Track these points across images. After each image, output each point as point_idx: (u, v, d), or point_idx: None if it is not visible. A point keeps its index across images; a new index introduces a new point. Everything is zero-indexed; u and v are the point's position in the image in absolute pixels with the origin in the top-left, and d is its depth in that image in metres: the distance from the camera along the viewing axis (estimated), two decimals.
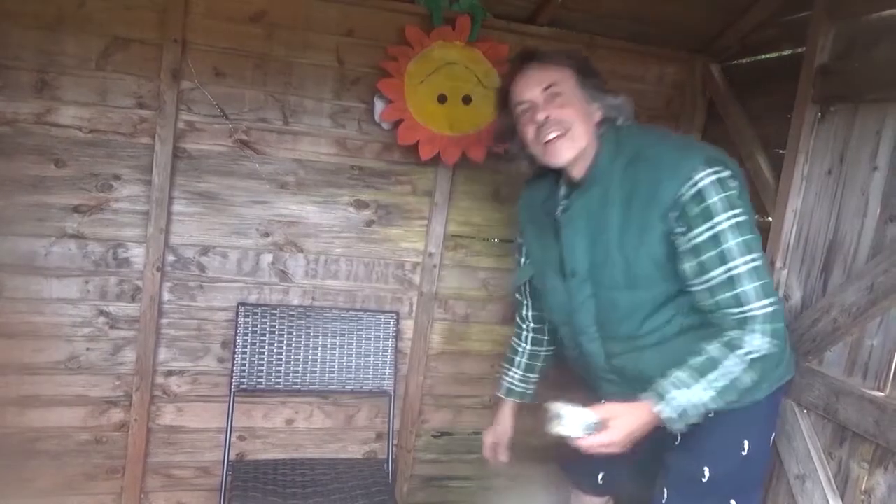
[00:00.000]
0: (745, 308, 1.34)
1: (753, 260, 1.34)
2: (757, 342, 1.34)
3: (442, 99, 2.13)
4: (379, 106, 2.14)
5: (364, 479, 2.10)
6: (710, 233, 1.34)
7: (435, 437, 2.47)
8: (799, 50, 1.93)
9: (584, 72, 1.52)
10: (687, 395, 1.33)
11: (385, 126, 2.17)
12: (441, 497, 2.51)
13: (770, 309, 1.34)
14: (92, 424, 2.14)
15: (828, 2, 1.79)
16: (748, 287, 1.34)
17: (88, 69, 1.95)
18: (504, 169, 2.29)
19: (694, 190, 1.34)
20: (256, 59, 2.07)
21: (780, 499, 1.82)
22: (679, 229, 1.37)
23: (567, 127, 1.44)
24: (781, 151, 1.94)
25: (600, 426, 1.34)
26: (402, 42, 2.10)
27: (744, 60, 2.35)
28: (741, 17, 2.15)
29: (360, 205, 2.24)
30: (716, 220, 1.34)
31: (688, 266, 1.38)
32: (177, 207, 2.09)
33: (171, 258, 2.12)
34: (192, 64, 2.02)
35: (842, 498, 1.64)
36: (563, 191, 1.58)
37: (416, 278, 2.33)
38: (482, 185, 2.33)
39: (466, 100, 2.15)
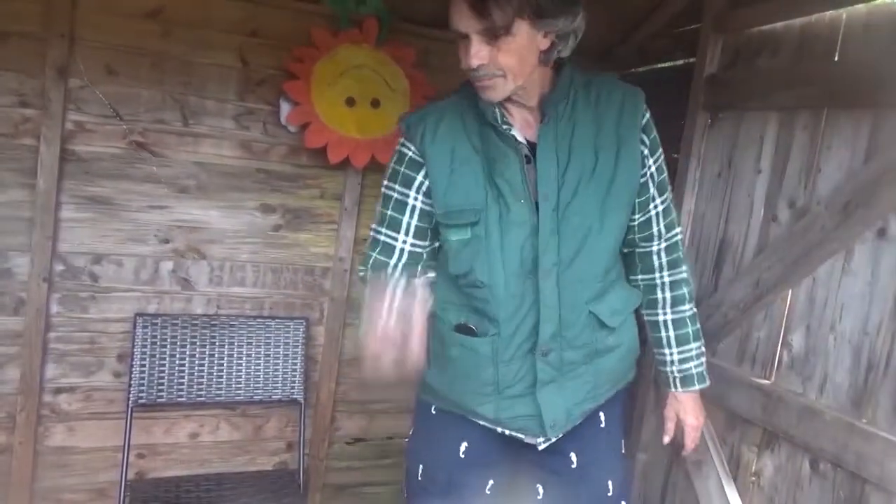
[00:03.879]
0: (679, 231, 1.48)
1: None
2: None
3: (350, 102, 2.11)
4: (285, 108, 2.09)
5: (274, 492, 2.04)
6: (662, 158, 1.42)
7: (348, 443, 2.43)
8: (690, 60, 2.05)
9: None
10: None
11: (292, 129, 2.12)
12: None
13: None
14: None
15: (714, 16, 1.91)
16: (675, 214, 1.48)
17: None
18: None
19: (648, 115, 1.39)
20: (153, 58, 1.98)
21: (679, 484, 1.92)
22: (644, 150, 1.38)
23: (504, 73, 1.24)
24: (676, 156, 2.05)
25: None
26: (308, 43, 2.06)
27: (641, 69, 2.46)
28: (637, 27, 2.26)
29: (267, 209, 2.18)
30: (660, 149, 1.42)
31: (648, 190, 1.40)
32: (65, 213, 1.96)
33: (59, 267, 1.98)
34: (82, 61, 1.90)
35: (735, 480, 1.74)
36: (500, 113, 1.30)
37: (327, 283, 2.29)
38: None
39: (375, 103, 2.14)
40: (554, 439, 1.40)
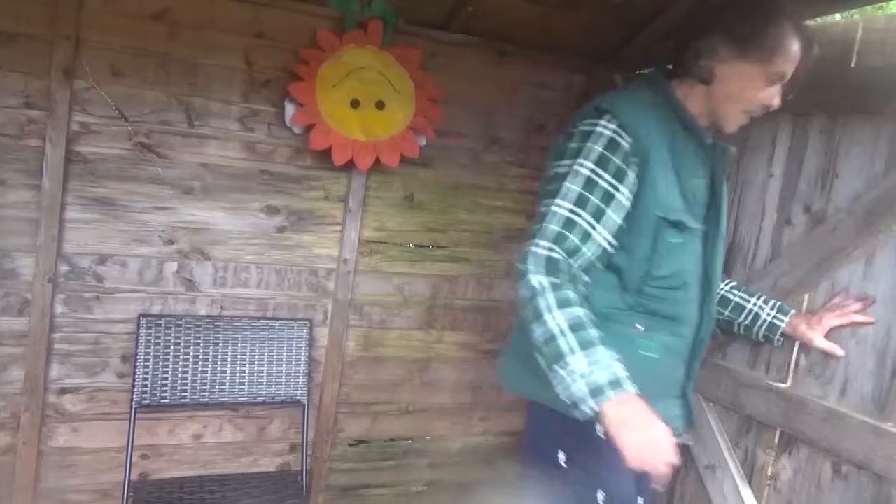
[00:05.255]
0: None
1: None
2: None
3: (355, 103, 2.10)
4: (290, 110, 2.09)
5: (277, 493, 2.04)
6: None
7: (351, 445, 2.43)
8: None
9: None
10: None
11: (296, 130, 2.12)
12: None
13: None
14: None
15: None
16: None
17: None
18: (418, 174, 2.30)
19: None
20: (158, 59, 1.97)
21: (691, 489, 1.90)
22: None
23: None
24: None
25: None
26: (313, 45, 2.06)
27: (647, 70, 2.44)
28: (643, 29, 2.23)
29: (271, 210, 2.18)
30: None
31: None
32: (70, 214, 1.96)
33: (64, 268, 1.98)
34: (87, 62, 1.90)
35: (749, 483, 1.73)
36: (698, 133, 1.43)
37: (331, 285, 2.29)
38: (396, 191, 2.31)
39: (380, 105, 2.13)
40: None
